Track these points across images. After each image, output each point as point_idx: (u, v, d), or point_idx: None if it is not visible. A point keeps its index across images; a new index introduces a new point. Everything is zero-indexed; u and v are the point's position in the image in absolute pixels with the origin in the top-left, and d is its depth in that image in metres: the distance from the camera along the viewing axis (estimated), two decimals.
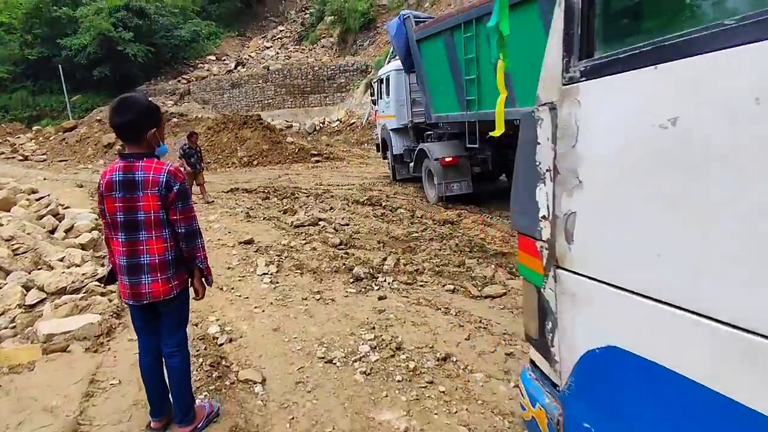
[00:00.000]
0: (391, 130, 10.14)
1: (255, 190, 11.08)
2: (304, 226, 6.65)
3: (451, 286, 4.10)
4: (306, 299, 3.95)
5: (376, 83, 11.05)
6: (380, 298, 3.91)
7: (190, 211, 2.17)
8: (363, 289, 4.13)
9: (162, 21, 34.15)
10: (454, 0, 25.78)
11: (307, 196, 9.34)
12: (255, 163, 16.66)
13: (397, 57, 9.72)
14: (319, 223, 6.73)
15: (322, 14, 39.08)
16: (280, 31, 42.58)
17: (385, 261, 4.69)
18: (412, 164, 9.01)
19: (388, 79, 10.02)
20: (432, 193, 7.94)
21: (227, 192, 10.81)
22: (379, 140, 11.41)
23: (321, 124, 25.35)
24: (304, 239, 5.75)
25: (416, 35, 7.38)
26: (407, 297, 3.94)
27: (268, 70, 30.65)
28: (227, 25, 41.87)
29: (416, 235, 5.51)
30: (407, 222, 6.63)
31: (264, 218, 7.11)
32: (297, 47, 38.04)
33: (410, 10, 32.44)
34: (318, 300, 3.94)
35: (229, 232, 6.15)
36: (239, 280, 4.48)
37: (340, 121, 25.21)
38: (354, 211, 7.53)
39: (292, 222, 6.81)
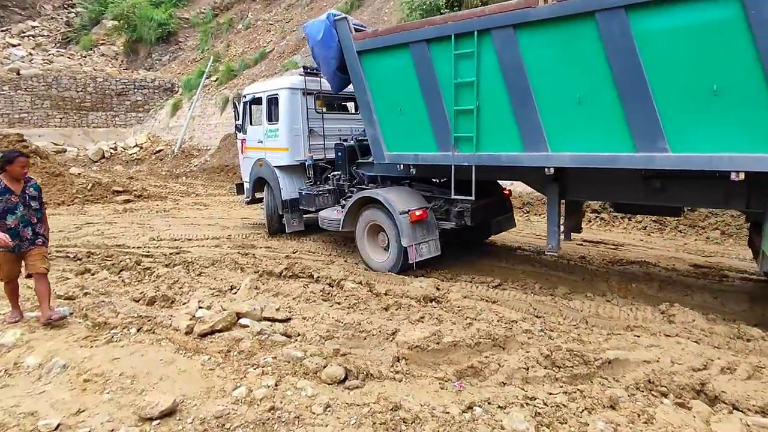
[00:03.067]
0: (278, 167, 7.59)
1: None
2: (220, 333, 3.82)
3: None
4: None
5: (244, 102, 8.20)
6: None
7: None
8: None
9: None
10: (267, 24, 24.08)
11: (167, 265, 6.03)
12: None
13: (299, 70, 7.40)
14: (243, 323, 3.99)
15: (98, 16, 31.86)
16: (32, 27, 32.93)
17: (474, 410, 2.61)
18: (325, 213, 6.62)
19: (274, 100, 7.46)
20: (381, 259, 5.84)
21: None
22: (249, 180, 8.37)
23: (112, 150, 19.68)
24: (262, 373, 3.07)
25: (358, 45, 5.39)
26: None
27: (19, 74, 22.64)
28: None
29: (451, 339, 3.49)
30: (378, 306, 4.50)
31: (130, 326, 3.86)
32: (61, 51, 29.72)
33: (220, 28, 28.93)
34: None
35: (87, 382, 2.85)
36: None
37: (141, 148, 20.10)
38: (278, 291, 4.91)
39: (189, 328, 3.86)
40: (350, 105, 8.49)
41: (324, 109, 7.46)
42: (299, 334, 3.83)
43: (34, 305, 4.41)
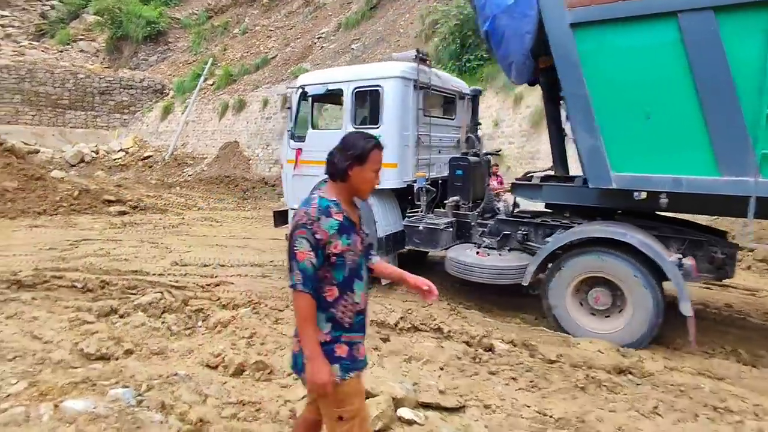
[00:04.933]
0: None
1: (46, 283, 5.23)
2: None
3: None
4: None
5: (302, 97, 5.79)
6: None
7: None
8: None
9: None
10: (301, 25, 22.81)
11: (224, 306, 4.51)
12: None
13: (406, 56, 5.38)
14: (404, 416, 2.61)
15: (78, 10, 29.74)
16: (1, 16, 30.35)
17: None
18: (460, 255, 4.81)
19: (374, 93, 5.25)
20: (604, 328, 4.06)
21: None
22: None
23: (93, 154, 17.63)
24: None
25: (573, 15, 3.78)
26: None
27: None
28: None
29: None
30: (568, 382, 3.20)
31: None
32: (34, 44, 27.33)
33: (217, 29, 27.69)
34: None
35: None
36: None
37: (126, 152, 18.15)
38: (408, 353, 3.50)
39: None
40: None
41: (431, 112, 5.64)
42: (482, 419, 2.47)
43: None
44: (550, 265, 4.29)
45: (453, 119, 6.10)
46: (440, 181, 5.48)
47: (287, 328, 4.01)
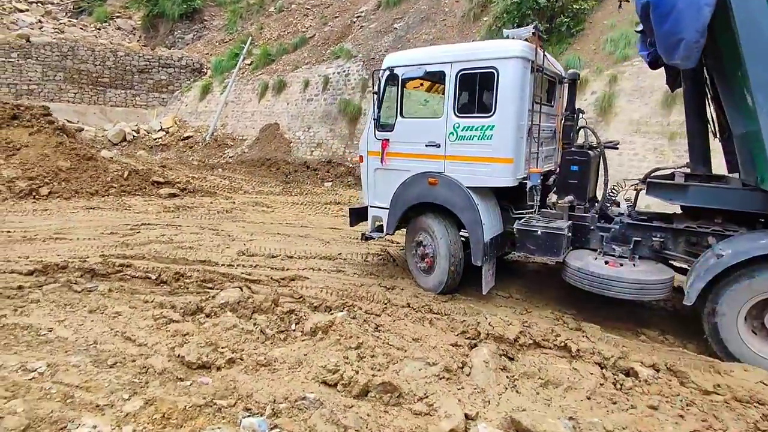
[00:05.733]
0: (475, 189, 4.62)
1: (118, 273, 4.99)
2: None
3: None
4: None
5: (391, 79, 5.00)
6: None
7: None
8: None
9: None
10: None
11: (315, 308, 4.16)
12: (46, 193, 9.13)
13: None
14: None
15: None
16: None
17: None
18: (590, 265, 4.18)
19: (487, 76, 4.43)
20: None
21: (21, 286, 4.53)
22: (393, 205, 5.16)
23: (134, 133, 17.57)
24: None
25: None
26: None
27: (30, 41, 20.42)
28: None
29: None
30: (738, 423, 2.74)
31: None
32: (73, 21, 27.42)
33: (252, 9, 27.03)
34: None
35: None
36: None
37: (166, 132, 18.03)
38: (544, 377, 3.05)
39: None
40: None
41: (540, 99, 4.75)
42: None
43: None
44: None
45: (552, 106, 5.47)
46: (542, 177, 4.90)
47: (391, 338, 3.64)
